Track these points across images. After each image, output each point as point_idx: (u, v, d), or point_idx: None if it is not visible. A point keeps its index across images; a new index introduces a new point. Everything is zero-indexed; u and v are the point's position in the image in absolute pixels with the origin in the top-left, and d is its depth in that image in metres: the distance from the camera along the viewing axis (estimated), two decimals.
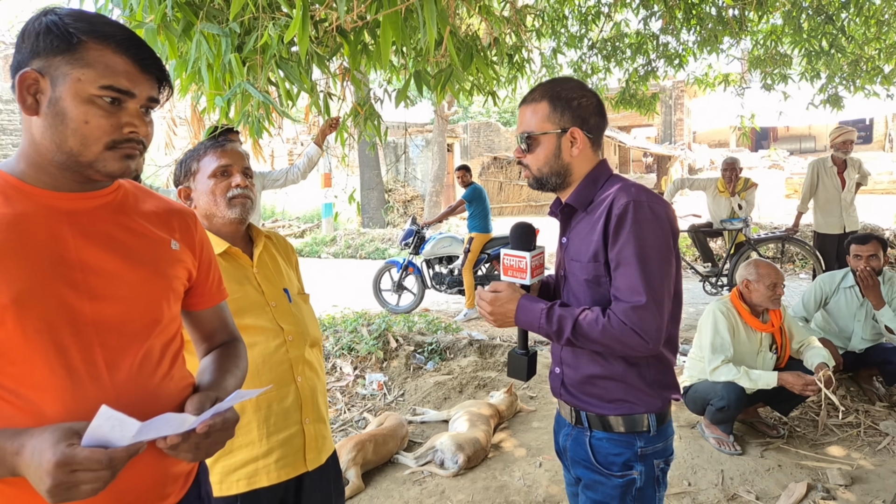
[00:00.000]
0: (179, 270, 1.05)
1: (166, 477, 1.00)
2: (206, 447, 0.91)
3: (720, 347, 2.94)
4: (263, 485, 1.45)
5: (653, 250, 1.24)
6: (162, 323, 1.00)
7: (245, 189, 1.51)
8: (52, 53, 0.86)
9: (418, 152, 16.28)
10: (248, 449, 1.45)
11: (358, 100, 3.20)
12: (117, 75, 0.87)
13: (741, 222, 5.52)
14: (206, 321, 1.18)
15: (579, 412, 1.40)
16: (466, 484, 2.83)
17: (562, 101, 1.34)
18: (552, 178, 1.38)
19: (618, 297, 1.26)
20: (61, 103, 0.86)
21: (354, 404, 3.94)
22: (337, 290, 7.27)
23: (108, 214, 0.97)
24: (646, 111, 7.01)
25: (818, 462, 2.81)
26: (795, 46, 5.58)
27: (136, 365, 0.94)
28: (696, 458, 2.93)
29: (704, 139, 24.56)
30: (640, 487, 1.35)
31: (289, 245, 1.74)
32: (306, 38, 1.77)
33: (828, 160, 5.15)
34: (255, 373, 1.45)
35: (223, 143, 1.55)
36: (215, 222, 1.53)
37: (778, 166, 19.08)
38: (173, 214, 1.09)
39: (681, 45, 6.12)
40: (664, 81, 16.02)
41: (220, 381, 1.08)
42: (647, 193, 1.29)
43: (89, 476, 0.76)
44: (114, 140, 0.89)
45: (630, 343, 1.23)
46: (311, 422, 1.53)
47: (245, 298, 1.48)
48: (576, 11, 5.80)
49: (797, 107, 6.35)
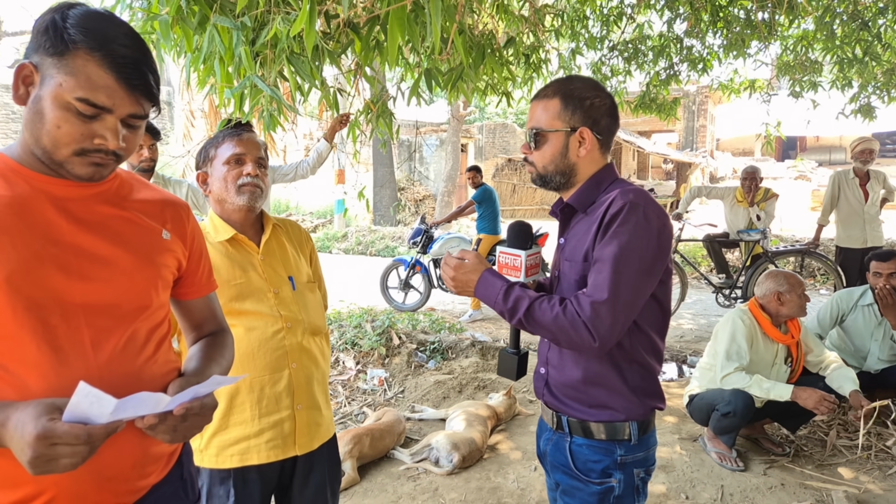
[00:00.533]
0: (169, 259, 1.08)
1: (147, 456, 1.03)
2: (183, 430, 0.93)
3: (735, 355, 2.87)
4: (254, 462, 1.53)
5: (632, 252, 1.20)
6: (150, 308, 1.03)
7: (255, 178, 1.55)
8: (46, 53, 0.87)
9: (432, 152, 16.26)
10: (242, 427, 1.52)
11: (371, 97, 3.19)
12: (96, 90, 0.87)
13: (759, 234, 5.39)
14: (195, 311, 1.21)
15: (560, 417, 1.38)
16: (460, 483, 2.81)
17: (574, 99, 1.31)
18: (556, 177, 1.36)
19: (584, 290, 1.23)
20: (42, 102, 0.88)
21: (355, 398, 3.93)
22: (345, 286, 7.28)
23: (101, 202, 1.00)
24: (666, 116, 6.90)
25: (824, 483, 2.73)
26: (827, 53, 5.43)
27: (120, 346, 0.97)
28: (695, 471, 2.86)
29: (728, 147, 24.20)
30: (617, 496, 1.32)
31: (303, 234, 1.77)
32: (313, 32, 1.76)
33: (850, 172, 5.01)
34: (251, 356, 1.51)
35: (240, 132, 1.59)
36: (226, 208, 1.58)
37: (805, 177, 18.72)
38: (166, 205, 1.11)
39: (706, 48, 6.01)
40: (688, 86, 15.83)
41: (204, 369, 1.11)
42: (646, 199, 1.26)
43: (67, 450, 0.78)
44: (83, 148, 0.90)
45: (577, 337, 1.20)
46: (303, 408, 1.58)
47: (248, 284, 1.54)
48: (597, 12, 5.71)
49: (827, 116, 6.19)
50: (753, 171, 5.51)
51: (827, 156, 23.62)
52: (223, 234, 1.57)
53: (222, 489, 1.53)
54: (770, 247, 5.65)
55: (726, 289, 5.66)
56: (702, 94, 18.11)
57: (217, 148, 1.58)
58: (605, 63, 6.18)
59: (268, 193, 1.64)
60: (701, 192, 5.89)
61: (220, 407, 1.50)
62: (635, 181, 21.40)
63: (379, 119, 3.19)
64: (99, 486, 0.96)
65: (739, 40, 5.62)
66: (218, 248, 1.56)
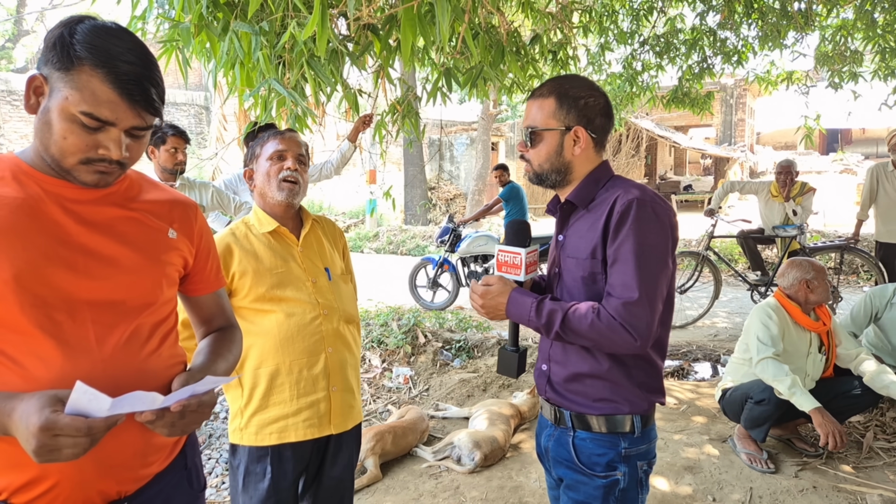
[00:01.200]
0: (174, 257, 1.12)
1: (148, 446, 1.07)
2: (181, 426, 0.97)
3: (768, 341, 2.81)
4: (292, 440, 1.63)
5: (651, 249, 1.23)
6: (154, 305, 1.07)
7: (295, 173, 1.67)
8: (54, 67, 0.92)
9: (463, 150, 16.26)
10: (281, 406, 1.62)
11: (397, 97, 3.21)
12: (100, 105, 0.92)
13: (795, 229, 5.21)
14: (204, 306, 1.25)
15: (562, 412, 1.38)
16: (481, 482, 2.81)
17: (569, 98, 1.33)
18: (552, 175, 1.38)
19: (610, 293, 1.24)
20: (50, 114, 0.93)
21: (380, 396, 3.97)
22: (375, 285, 7.35)
23: (109, 204, 1.04)
24: (699, 111, 6.75)
25: (858, 486, 2.63)
26: (868, 42, 5.24)
27: (123, 340, 1.01)
28: (724, 473, 2.80)
29: (769, 141, 23.47)
30: (623, 489, 1.33)
31: (337, 230, 1.89)
32: (325, 35, 1.79)
33: (888, 164, 4.82)
34: (290, 340, 1.62)
35: (284, 131, 1.73)
36: (268, 201, 1.70)
37: (850, 171, 18.01)
38: (175, 205, 1.16)
39: (740, 40, 5.85)
40: (725, 79, 15.40)
41: (211, 364, 1.14)
42: (650, 194, 1.29)
43: (69, 441, 0.82)
44: (88, 157, 0.95)
45: (618, 339, 1.21)
46: (338, 390, 1.68)
47: (288, 274, 1.66)
48: (627, 6, 5.62)
49: (872, 108, 5.97)
50: (788, 165, 5.32)
51: (874, 148, 22.65)
52: (266, 226, 1.69)
53: (259, 466, 1.63)
54: (808, 243, 5.46)
55: (762, 286, 5.50)
56: (739, 88, 17.61)
57: (262, 146, 1.71)
58: (637, 58, 6.09)
59: (306, 190, 1.75)
60: (734, 186, 5.73)
61: (261, 387, 1.62)
62: (672, 177, 20.94)
63: (405, 119, 3.22)
64: (101, 474, 1.00)
65: (775, 31, 5.46)
66: (261, 239, 1.68)
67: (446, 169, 16.87)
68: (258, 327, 1.63)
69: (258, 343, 1.62)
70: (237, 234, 1.68)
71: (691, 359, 4.79)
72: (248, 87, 2.31)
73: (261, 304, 1.63)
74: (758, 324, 2.89)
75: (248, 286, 1.62)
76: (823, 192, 12.62)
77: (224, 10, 2.15)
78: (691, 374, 4.57)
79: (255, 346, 1.62)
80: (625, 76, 6.16)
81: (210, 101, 14.73)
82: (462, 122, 18.00)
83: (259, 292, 1.62)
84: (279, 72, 2.33)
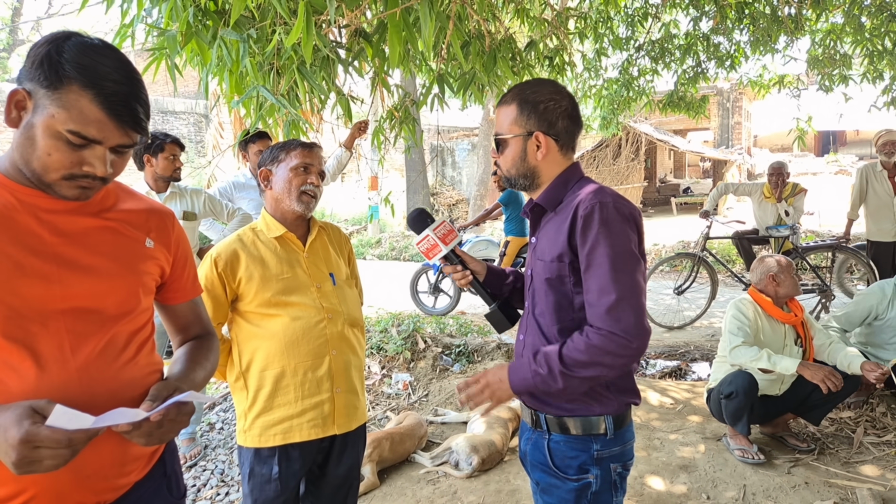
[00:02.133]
0: (151, 267, 1.13)
1: (126, 455, 1.07)
2: (158, 435, 0.97)
3: (738, 332, 2.90)
4: (296, 440, 1.67)
5: (620, 248, 1.23)
6: (131, 314, 1.07)
7: (316, 188, 1.73)
8: (40, 84, 0.92)
9: (465, 156, 16.33)
10: (286, 408, 1.66)
11: (395, 103, 3.25)
12: (87, 124, 0.92)
13: (788, 229, 5.26)
14: (181, 315, 1.26)
15: (539, 415, 1.39)
16: (479, 486, 2.83)
17: (529, 104, 1.35)
18: (520, 180, 1.40)
19: (590, 301, 1.25)
20: (34, 130, 0.93)
21: (379, 403, 4.00)
22: (378, 292, 7.38)
23: (84, 214, 1.04)
24: (695, 114, 6.80)
25: (849, 481, 2.66)
26: (856, 46, 5.30)
27: (98, 349, 1.01)
28: (718, 471, 2.82)
29: (766, 143, 23.50)
30: (595, 491, 1.33)
31: (343, 237, 1.94)
32: (310, 41, 1.83)
33: (877, 165, 4.88)
34: (296, 343, 1.66)
35: (311, 145, 1.77)
36: (282, 207, 1.74)
37: (845, 172, 18.04)
38: (151, 214, 1.16)
39: (733, 45, 5.92)
40: (721, 83, 15.45)
41: (189, 372, 1.15)
42: (612, 195, 1.30)
43: (50, 453, 0.82)
44: (71, 174, 0.95)
45: (614, 348, 1.20)
46: (342, 392, 1.72)
47: (294, 279, 1.70)
48: (622, 13, 5.69)
49: (862, 110, 6.03)
50: (780, 167, 5.38)
51: (868, 150, 22.68)
52: (274, 232, 1.73)
53: (265, 467, 1.66)
54: (800, 242, 5.50)
55: None
56: (735, 91, 17.67)
57: (288, 153, 1.74)
58: (633, 63, 6.15)
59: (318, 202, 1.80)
60: (728, 189, 5.78)
61: (266, 389, 1.65)
62: (672, 180, 20.98)
63: (403, 125, 3.26)
64: (78, 485, 0.99)
65: (766, 36, 5.52)
66: (268, 245, 1.72)
67: (448, 174, 16.95)
68: (264, 331, 1.66)
69: (263, 346, 1.65)
70: (244, 241, 1.72)
71: (689, 359, 4.81)
72: (237, 94, 2.35)
73: (267, 309, 1.66)
74: (729, 318, 2.98)
75: (254, 291, 1.65)
76: (819, 193, 12.67)
77: (213, 18, 2.19)
78: (689, 375, 4.60)
79: (261, 349, 1.66)
80: (621, 81, 6.22)
81: (209, 109, 14.84)
82: (464, 128, 18.08)
83: (265, 297, 1.66)
84: (272, 79, 2.37)
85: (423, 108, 3.07)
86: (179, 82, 2.30)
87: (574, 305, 1.31)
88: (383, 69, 2.80)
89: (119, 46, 2.09)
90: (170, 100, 13.24)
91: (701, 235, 5.81)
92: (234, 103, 2.29)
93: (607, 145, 16.27)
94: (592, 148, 16.41)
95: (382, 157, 4.09)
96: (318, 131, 4.33)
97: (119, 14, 2.31)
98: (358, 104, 3.09)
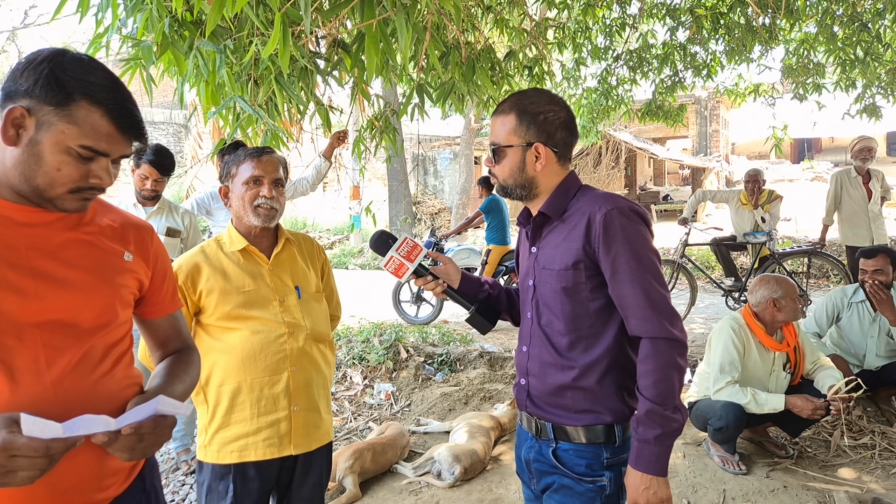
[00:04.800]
0: (129, 280, 1.12)
1: (104, 470, 1.05)
2: (140, 449, 0.96)
3: (728, 368, 2.85)
4: (252, 459, 1.62)
5: (644, 250, 1.27)
6: (108, 327, 1.07)
7: (271, 200, 1.67)
8: (44, 102, 0.93)
9: (447, 165, 16.39)
10: (242, 425, 1.62)
11: (375, 113, 3.25)
12: (99, 138, 0.95)
13: (764, 235, 5.36)
14: (160, 329, 1.25)
15: (544, 424, 1.38)
16: (461, 496, 2.82)
17: (528, 114, 1.34)
18: (517, 190, 1.40)
19: (627, 311, 1.27)
20: (40, 146, 0.94)
21: (361, 413, 3.97)
22: (359, 301, 7.35)
23: (62, 228, 1.04)
24: (673, 123, 6.90)
25: (826, 484, 2.69)
26: (829, 55, 5.42)
27: (73, 362, 1.00)
28: (698, 476, 2.84)
29: (744, 151, 23.93)
30: (609, 494, 1.33)
31: (316, 248, 1.88)
32: (287, 52, 1.83)
33: (851, 171, 5.01)
34: (253, 358, 1.62)
35: (261, 153, 1.70)
36: (243, 223, 1.70)
37: (821, 178, 18.43)
38: (129, 228, 1.16)
39: (709, 54, 6.03)
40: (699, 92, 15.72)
41: (167, 385, 1.13)
42: (624, 200, 1.32)
43: (27, 462, 0.81)
44: (78, 187, 0.97)
45: (670, 350, 1.22)
46: (301, 410, 1.66)
47: (256, 292, 1.66)
48: (600, 23, 5.77)
49: (837, 117, 6.17)
50: (756, 174, 5.49)
51: (843, 157, 23.19)
52: (237, 245, 1.69)
53: (222, 484, 1.62)
54: (777, 248, 5.60)
55: (735, 292, 5.62)
56: (713, 100, 18.00)
57: (238, 166, 1.69)
58: (611, 73, 6.23)
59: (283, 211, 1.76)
60: (706, 196, 5.87)
61: (223, 405, 1.61)
62: (651, 187, 21.24)
63: (383, 135, 3.26)
64: (54, 499, 0.98)
65: (741, 45, 5.63)
66: (231, 258, 1.68)
67: (430, 183, 16.97)
68: (223, 344, 1.63)
69: (222, 360, 1.62)
70: (207, 253, 1.68)
71: None
72: (214, 105, 2.33)
73: (227, 322, 1.63)
74: (720, 346, 2.91)
75: (214, 304, 1.62)
76: (795, 199, 12.92)
77: (189, 28, 2.18)
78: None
79: (219, 363, 1.63)
80: (600, 90, 6.29)
81: (187, 119, 14.71)
82: (445, 137, 18.14)
83: (225, 310, 1.62)
84: (250, 89, 2.36)
85: (404, 118, 3.08)
86: (158, 93, 2.28)
87: (590, 312, 1.32)
88: (363, 79, 2.81)
89: (93, 56, 2.07)
90: (148, 110, 13.10)
91: (680, 242, 5.89)
92: (210, 114, 2.27)
93: (588, 154, 16.45)
94: (573, 156, 16.52)
95: (363, 167, 4.09)
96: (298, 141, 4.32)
97: (94, 24, 2.29)
98: (337, 114, 3.09)
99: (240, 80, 2.33)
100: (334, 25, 2.03)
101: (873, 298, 3.23)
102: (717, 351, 2.91)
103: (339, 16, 1.94)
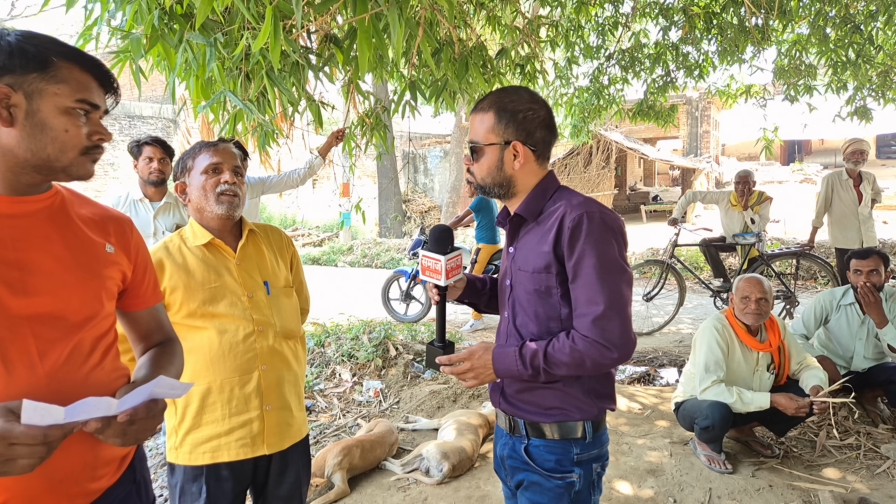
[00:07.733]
0: (113, 272, 1.12)
1: (97, 459, 1.07)
2: (133, 434, 0.97)
3: (713, 367, 2.87)
4: (225, 460, 1.59)
5: (609, 259, 1.25)
6: (95, 319, 1.07)
7: (233, 186, 1.62)
8: (25, 71, 0.93)
9: (437, 163, 16.38)
10: (213, 426, 1.58)
11: (365, 110, 3.24)
12: (89, 90, 0.99)
13: (754, 237, 5.40)
14: (142, 322, 1.25)
15: (516, 421, 1.40)
16: (449, 492, 2.82)
17: (507, 113, 1.33)
18: (495, 189, 1.39)
19: (578, 311, 1.26)
20: (41, 115, 0.95)
21: (350, 410, 3.96)
22: (349, 299, 7.33)
23: (45, 218, 1.04)
24: (664, 123, 6.92)
25: (811, 484, 2.72)
26: (821, 56, 5.45)
27: (65, 355, 1.00)
28: (684, 475, 2.86)
29: (734, 152, 24.11)
30: (577, 490, 1.35)
31: (284, 240, 1.82)
32: (278, 47, 1.81)
33: (843, 173, 5.03)
34: (221, 359, 1.58)
35: (216, 142, 1.66)
36: (205, 216, 1.64)
37: (810, 180, 18.60)
38: (109, 220, 1.16)
39: (701, 55, 6.05)
40: (690, 93, 15.81)
41: (153, 377, 1.11)
42: (597, 205, 1.31)
43: (25, 450, 0.81)
44: (86, 146, 1.00)
45: (597, 356, 1.23)
46: (273, 409, 1.63)
47: (222, 288, 1.60)
48: (592, 22, 5.78)
49: (827, 119, 6.21)
50: (746, 175, 5.52)
51: (832, 159, 23.44)
52: (201, 239, 1.62)
53: (195, 486, 1.58)
54: (766, 250, 5.64)
55: (724, 293, 5.66)
56: (704, 101, 18.10)
57: (194, 159, 1.64)
58: (603, 72, 6.24)
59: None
60: (696, 197, 5.90)
61: (193, 406, 1.57)
62: (641, 188, 21.35)
63: (374, 132, 3.25)
64: (50, 489, 0.99)
65: (734, 46, 5.65)
66: (195, 253, 1.62)
67: (421, 181, 16.96)
68: (190, 344, 1.56)
69: (190, 360, 1.56)
70: (170, 248, 1.62)
71: (657, 364, 4.88)
72: (204, 99, 2.31)
73: (193, 321, 1.58)
74: (704, 346, 2.92)
75: (179, 301, 1.57)
76: (785, 201, 13.03)
77: (179, 21, 2.16)
78: (657, 380, 4.66)
79: (188, 363, 1.56)
80: (592, 90, 6.30)
81: (176, 113, 14.58)
82: (436, 135, 18.13)
83: (190, 308, 1.57)
84: (242, 84, 2.34)
85: (395, 115, 3.07)
86: (147, 86, 2.25)
87: (561, 317, 1.32)
88: (357, 75, 2.79)
89: (83, 48, 2.04)
90: (136, 104, 12.96)
91: (669, 243, 5.92)
92: (200, 108, 2.25)
93: (578, 153, 16.48)
94: (564, 156, 16.60)
95: (353, 164, 4.07)
96: (289, 137, 4.30)
97: (83, 16, 2.26)
98: (329, 110, 3.08)
99: (231, 75, 2.31)
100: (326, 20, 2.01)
101: (863, 300, 3.25)
102: (702, 351, 2.93)
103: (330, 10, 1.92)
